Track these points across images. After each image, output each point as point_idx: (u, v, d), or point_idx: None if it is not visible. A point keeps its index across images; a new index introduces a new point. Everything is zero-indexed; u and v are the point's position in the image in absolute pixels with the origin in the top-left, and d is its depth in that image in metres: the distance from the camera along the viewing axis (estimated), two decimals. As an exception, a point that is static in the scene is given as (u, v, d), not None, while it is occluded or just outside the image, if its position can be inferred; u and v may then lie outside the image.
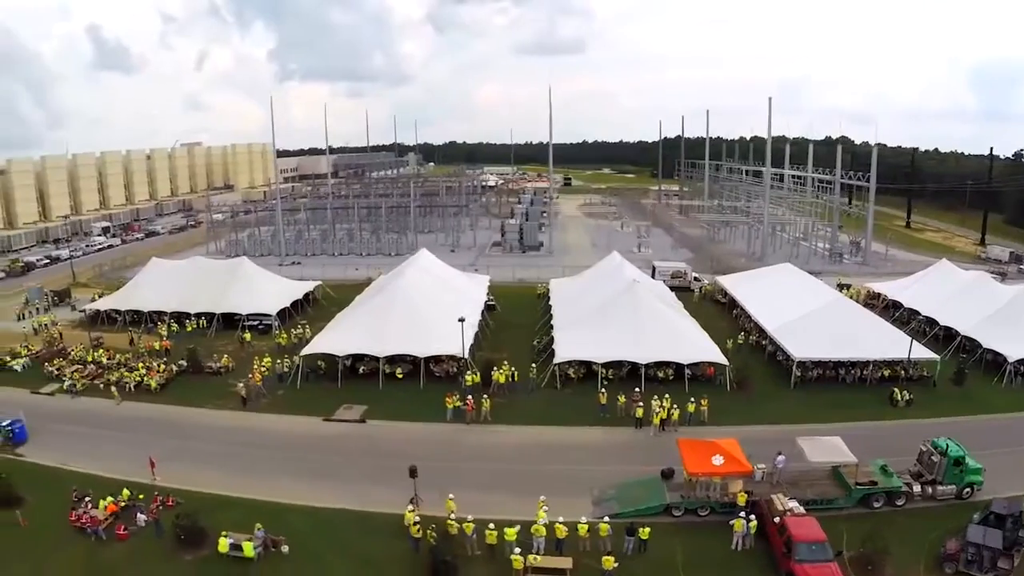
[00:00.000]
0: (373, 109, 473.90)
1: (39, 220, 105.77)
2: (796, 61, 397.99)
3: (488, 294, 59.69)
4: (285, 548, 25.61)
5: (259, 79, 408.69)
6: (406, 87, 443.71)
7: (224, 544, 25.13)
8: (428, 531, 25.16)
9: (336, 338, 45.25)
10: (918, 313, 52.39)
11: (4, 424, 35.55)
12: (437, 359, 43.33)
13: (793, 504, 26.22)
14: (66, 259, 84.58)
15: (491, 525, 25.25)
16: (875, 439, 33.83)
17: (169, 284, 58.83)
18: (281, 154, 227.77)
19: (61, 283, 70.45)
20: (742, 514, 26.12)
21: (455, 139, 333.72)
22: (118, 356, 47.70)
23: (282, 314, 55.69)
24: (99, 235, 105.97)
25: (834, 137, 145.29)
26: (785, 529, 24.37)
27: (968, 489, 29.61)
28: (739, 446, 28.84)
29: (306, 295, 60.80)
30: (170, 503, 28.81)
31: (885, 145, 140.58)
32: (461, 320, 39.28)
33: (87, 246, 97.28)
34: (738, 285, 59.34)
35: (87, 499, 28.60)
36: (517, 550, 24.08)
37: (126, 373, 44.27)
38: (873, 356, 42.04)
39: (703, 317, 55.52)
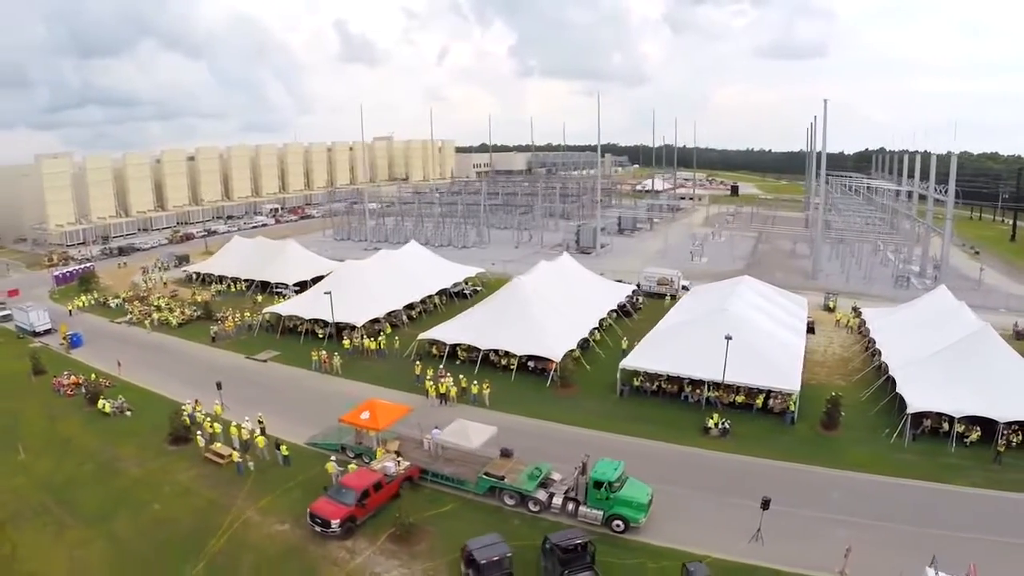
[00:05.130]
0: (609, 108, 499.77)
1: (220, 199, 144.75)
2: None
3: (468, 283, 76.18)
4: (128, 413, 46.29)
5: (498, 74, 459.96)
6: (642, 87, 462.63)
7: (100, 403, 46.62)
8: (184, 418, 43.38)
9: (291, 302, 65.93)
10: (874, 343, 53.56)
11: (69, 333, 62.05)
12: (351, 327, 60.98)
13: (387, 464, 35.35)
14: (223, 232, 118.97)
15: (209, 419, 43.02)
16: (648, 461, 37.50)
17: (238, 256, 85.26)
18: (477, 150, 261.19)
19: (195, 250, 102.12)
20: (333, 459, 37.34)
21: (685, 142, 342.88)
22: (169, 303, 73.71)
23: (304, 284, 77.56)
24: (263, 215, 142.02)
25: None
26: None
27: (619, 522, 31.09)
28: (402, 414, 39.80)
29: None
30: (106, 384, 51.14)
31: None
32: (327, 293, 56.66)
33: (244, 223, 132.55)
34: (693, 295, 67.03)
35: (68, 374, 52.39)
36: (199, 433, 41.37)
37: (166, 314, 69.65)
38: (709, 376, 44.45)
39: (647, 322, 64.30)
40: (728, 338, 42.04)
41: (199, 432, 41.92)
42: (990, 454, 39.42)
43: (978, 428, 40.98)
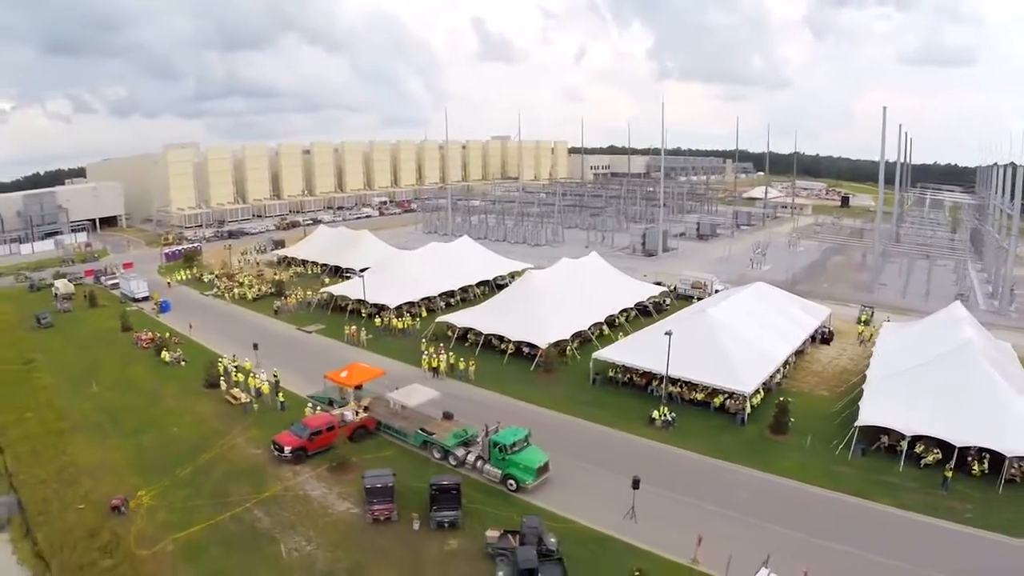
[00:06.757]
0: (747, 114, 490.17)
1: (333, 191, 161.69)
2: None
3: (514, 277, 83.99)
4: (183, 363, 58.75)
5: (635, 76, 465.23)
6: (782, 92, 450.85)
7: (162, 355, 59.47)
8: (220, 368, 54.89)
9: (344, 284, 77.09)
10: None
11: (160, 300, 76.84)
12: (385, 307, 70.75)
13: (346, 412, 44.45)
14: (327, 222, 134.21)
15: (235, 370, 54.24)
16: (587, 442, 43.79)
17: (321, 243, 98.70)
18: (605, 151, 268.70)
19: (296, 237, 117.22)
20: (310, 405, 47.77)
21: (820, 151, 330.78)
22: (251, 280, 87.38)
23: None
24: (371, 207, 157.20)
25: None
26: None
27: (512, 481, 36.92)
28: (375, 375, 49.32)
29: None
30: (175, 340, 64.23)
31: None
32: (360, 275, 66.74)
33: (350, 214, 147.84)
34: (711, 298, 70.56)
35: (147, 331, 66.12)
36: (223, 379, 52.94)
37: (244, 289, 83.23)
38: (668, 372, 47.61)
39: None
40: (668, 333, 46.39)
41: (224, 379, 53.23)
42: (940, 478, 39.03)
43: (937, 450, 40.90)
